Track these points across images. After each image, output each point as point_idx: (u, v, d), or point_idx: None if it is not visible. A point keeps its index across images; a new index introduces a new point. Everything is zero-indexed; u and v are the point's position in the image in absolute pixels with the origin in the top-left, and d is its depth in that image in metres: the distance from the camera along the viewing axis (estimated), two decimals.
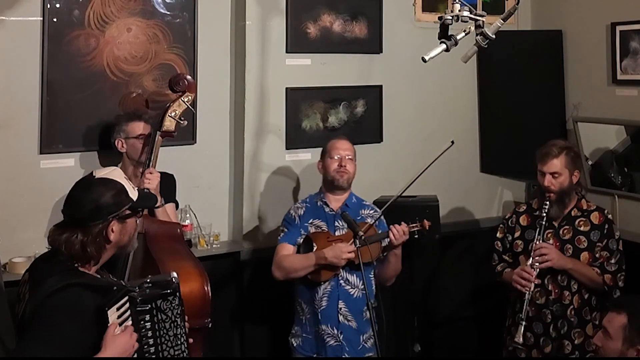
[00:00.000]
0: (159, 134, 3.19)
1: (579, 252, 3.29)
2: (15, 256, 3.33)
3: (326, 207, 3.41)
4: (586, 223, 3.32)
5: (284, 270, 3.29)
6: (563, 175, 3.28)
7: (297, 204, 3.50)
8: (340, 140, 3.50)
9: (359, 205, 3.48)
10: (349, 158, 3.41)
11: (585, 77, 4.50)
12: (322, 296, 3.28)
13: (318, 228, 3.37)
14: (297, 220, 3.39)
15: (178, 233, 3.19)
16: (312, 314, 3.30)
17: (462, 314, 4.62)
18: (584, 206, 3.37)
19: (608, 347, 2.51)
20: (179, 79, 3.28)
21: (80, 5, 3.54)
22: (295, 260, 3.30)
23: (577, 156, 3.37)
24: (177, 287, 2.20)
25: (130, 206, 2.22)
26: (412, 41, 4.39)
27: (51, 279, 2.10)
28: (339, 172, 3.37)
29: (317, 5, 4.13)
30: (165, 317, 2.16)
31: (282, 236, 3.40)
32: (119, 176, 2.25)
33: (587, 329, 3.27)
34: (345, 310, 3.28)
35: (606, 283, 3.23)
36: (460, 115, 4.72)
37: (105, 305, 2.07)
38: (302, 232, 3.36)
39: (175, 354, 2.18)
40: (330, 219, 3.39)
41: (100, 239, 2.18)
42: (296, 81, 4.10)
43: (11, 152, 3.44)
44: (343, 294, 3.28)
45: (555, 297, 3.28)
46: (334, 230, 3.36)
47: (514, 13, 2.53)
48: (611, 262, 3.26)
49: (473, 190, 4.78)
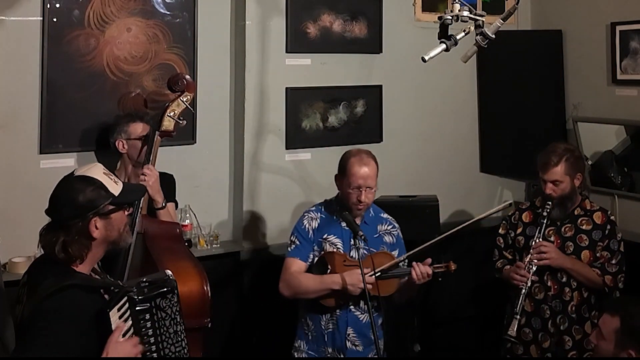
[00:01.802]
0: (157, 134, 3.19)
1: (580, 250, 3.29)
2: (15, 256, 3.34)
3: (343, 222, 3.10)
4: (588, 222, 3.33)
5: (293, 289, 3.04)
6: (564, 182, 3.28)
7: (311, 213, 3.18)
8: (363, 167, 3.04)
9: (376, 219, 3.23)
10: (369, 187, 3.04)
11: (585, 77, 4.50)
12: (330, 320, 3.09)
13: (333, 245, 3.10)
14: (311, 233, 3.11)
15: (177, 233, 3.19)
16: (319, 333, 3.11)
17: (462, 314, 4.62)
18: (587, 206, 3.37)
19: (601, 347, 2.54)
20: (177, 78, 3.27)
21: (80, 5, 3.54)
22: (308, 282, 3.03)
23: (578, 159, 3.35)
24: (174, 284, 2.19)
25: (111, 201, 2.19)
26: (412, 41, 4.39)
27: (46, 281, 2.09)
28: (357, 207, 3.05)
29: (317, 5, 4.13)
30: (165, 315, 2.15)
31: (294, 249, 3.10)
32: (97, 172, 2.22)
33: (585, 327, 3.28)
34: (353, 337, 3.09)
35: (607, 284, 3.24)
36: (460, 115, 4.72)
37: (107, 307, 2.07)
38: (315, 247, 3.10)
39: (176, 351, 2.17)
40: (347, 236, 3.10)
41: (81, 237, 2.15)
42: (296, 81, 4.10)
43: (11, 152, 3.44)
44: (352, 319, 3.09)
45: (554, 293, 3.29)
46: (350, 249, 3.08)
47: (513, 13, 2.53)
48: (612, 262, 3.26)
49: (473, 190, 4.78)
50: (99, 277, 2.30)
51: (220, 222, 4.03)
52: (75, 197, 2.15)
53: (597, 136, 4.43)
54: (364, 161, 3.07)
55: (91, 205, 2.15)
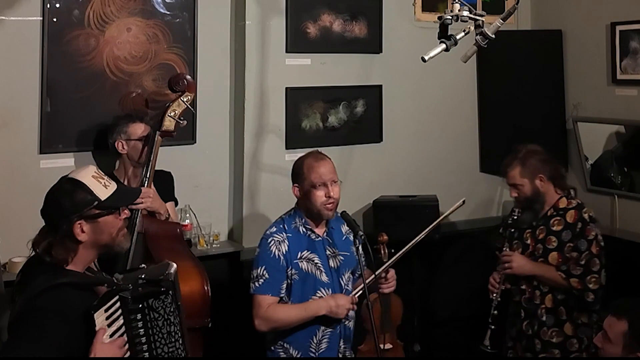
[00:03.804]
0: (158, 134, 3.19)
1: (547, 252, 3.25)
2: (15, 256, 3.33)
3: (312, 233, 2.96)
4: (560, 222, 3.26)
5: (273, 323, 2.84)
6: (524, 185, 3.27)
7: (276, 236, 2.90)
8: (321, 162, 2.92)
9: (338, 221, 3.06)
10: (334, 182, 2.91)
11: (585, 77, 4.50)
12: (322, 339, 2.92)
13: (310, 262, 2.91)
14: (282, 260, 2.86)
15: (178, 233, 3.19)
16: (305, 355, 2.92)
17: (462, 314, 4.61)
18: (561, 205, 3.29)
19: (608, 350, 2.52)
20: (178, 78, 3.28)
21: (80, 5, 3.54)
22: (289, 313, 2.85)
23: (538, 161, 3.28)
24: (170, 284, 2.16)
25: (96, 205, 2.16)
26: (412, 41, 4.39)
27: (37, 280, 2.09)
28: (326, 207, 2.89)
29: (317, 5, 4.13)
30: (158, 316, 2.13)
31: (263, 285, 2.84)
32: (86, 175, 2.20)
33: (565, 329, 3.23)
34: (344, 348, 2.99)
35: (573, 287, 3.16)
36: (460, 115, 4.72)
37: (92, 309, 2.04)
38: (293, 271, 2.87)
39: (169, 352, 2.15)
40: (320, 248, 2.95)
41: (66, 240, 2.14)
42: (296, 81, 4.10)
43: (11, 152, 3.44)
44: (345, 331, 2.97)
45: (528, 296, 3.30)
46: (327, 259, 2.95)
47: (513, 13, 2.53)
48: (581, 263, 3.15)
49: (473, 190, 4.78)
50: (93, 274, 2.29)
51: (220, 222, 4.03)
52: (60, 200, 2.16)
53: (597, 136, 4.44)
54: (320, 157, 2.97)
55: (74, 208, 2.14)
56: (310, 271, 2.92)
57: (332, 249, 2.98)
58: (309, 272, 2.91)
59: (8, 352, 2.01)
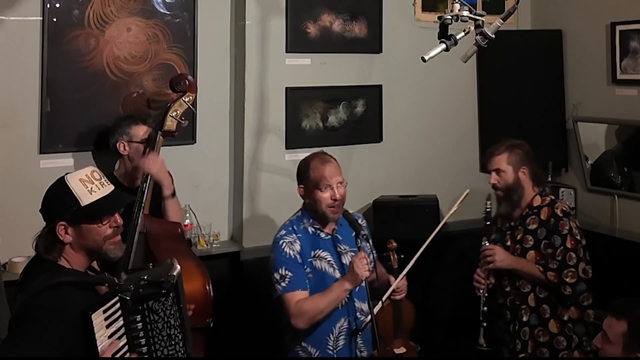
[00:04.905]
0: (160, 134, 3.18)
1: (525, 251, 3.25)
2: (15, 256, 3.33)
3: (321, 232, 2.98)
4: (535, 220, 3.25)
5: (307, 315, 2.81)
6: (507, 172, 3.28)
7: (287, 237, 2.93)
8: (327, 164, 2.93)
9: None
10: (340, 183, 2.93)
11: (585, 77, 4.50)
12: (339, 335, 2.94)
13: (323, 260, 2.95)
14: (298, 258, 2.90)
15: (179, 232, 3.19)
16: (325, 354, 2.92)
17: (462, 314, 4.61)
18: (535, 203, 3.28)
19: (607, 351, 2.51)
20: (180, 79, 3.27)
21: (80, 5, 3.54)
22: (318, 302, 2.83)
23: (525, 154, 3.31)
24: (171, 286, 2.15)
25: (75, 210, 2.16)
26: (412, 41, 4.39)
27: (38, 278, 2.09)
28: (332, 209, 2.91)
29: (317, 5, 4.13)
30: (158, 318, 2.12)
31: (289, 283, 2.84)
32: (74, 178, 2.20)
33: (549, 327, 3.21)
34: (361, 344, 3.00)
35: (550, 281, 3.15)
36: (460, 115, 4.72)
37: (90, 310, 2.02)
38: (308, 269, 2.91)
39: (169, 354, 2.15)
40: (331, 246, 2.99)
41: (51, 238, 2.17)
42: (296, 81, 4.10)
43: (11, 152, 3.44)
44: (359, 326, 2.98)
45: (512, 297, 3.29)
46: (338, 255, 2.98)
47: (513, 13, 2.53)
48: (557, 258, 3.15)
49: (473, 190, 4.77)
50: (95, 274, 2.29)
51: (220, 222, 4.03)
52: (46, 200, 2.22)
53: (597, 136, 4.44)
54: (325, 158, 2.96)
55: (56, 210, 2.18)
56: (323, 269, 2.95)
57: (342, 246, 3.00)
58: (323, 270, 2.95)
59: (7, 351, 2.01)
